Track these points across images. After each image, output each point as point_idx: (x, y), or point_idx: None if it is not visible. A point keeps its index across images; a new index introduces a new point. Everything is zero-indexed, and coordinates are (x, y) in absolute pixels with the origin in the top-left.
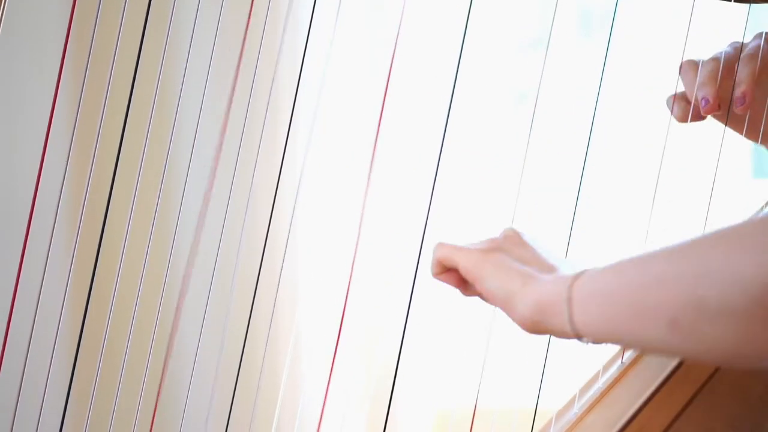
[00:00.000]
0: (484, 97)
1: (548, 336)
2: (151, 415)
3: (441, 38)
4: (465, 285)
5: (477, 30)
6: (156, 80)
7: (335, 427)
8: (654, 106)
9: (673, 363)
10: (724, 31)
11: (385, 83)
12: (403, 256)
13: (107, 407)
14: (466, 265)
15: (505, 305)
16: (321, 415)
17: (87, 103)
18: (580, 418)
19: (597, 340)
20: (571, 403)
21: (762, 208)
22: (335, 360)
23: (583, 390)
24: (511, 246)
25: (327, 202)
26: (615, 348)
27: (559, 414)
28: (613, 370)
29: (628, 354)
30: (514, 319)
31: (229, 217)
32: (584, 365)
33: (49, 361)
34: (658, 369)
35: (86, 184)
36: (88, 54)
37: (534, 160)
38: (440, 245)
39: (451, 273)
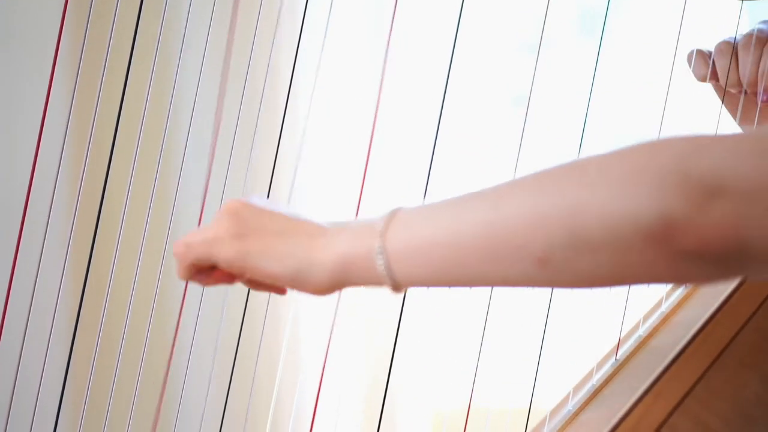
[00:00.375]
0: (479, 99)
1: (542, 335)
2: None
3: (437, 40)
4: (232, 278)
5: (474, 32)
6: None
7: (329, 427)
8: (650, 106)
9: (668, 359)
10: (719, 27)
11: (379, 86)
12: None
13: (105, 388)
14: (227, 257)
15: (296, 280)
16: (314, 415)
17: (85, 73)
18: (575, 416)
19: (420, 286)
20: (565, 400)
21: None
22: (329, 359)
23: (577, 388)
24: (253, 218)
25: (321, 204)
26: (609, 345)
27: (554, 412)
28: (607, 367)
29: (622, 351)
30: (309, 290)
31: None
32: (578, 363)
33: (47, 344)
34: (652, 365)
35: (84, 157)
36: (87, 16)
37: (528, 162)
38: (177, 244)
39: (212, 272)
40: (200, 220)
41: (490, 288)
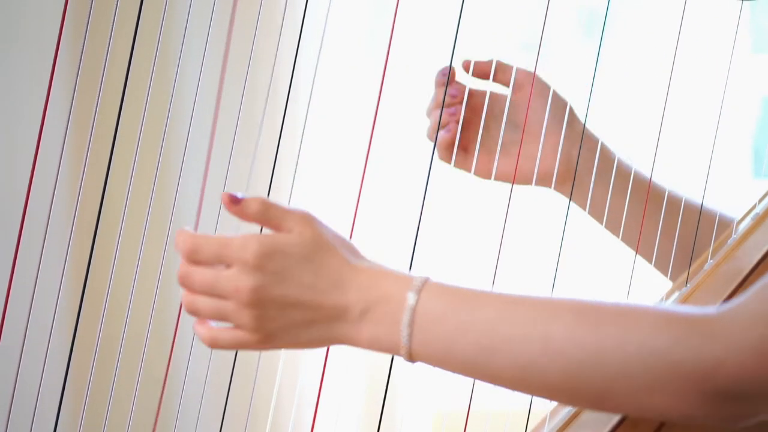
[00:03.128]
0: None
1: None
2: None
3: (436, 39)
4: None
5: (474, 30)
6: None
7: (330, 428)
8: (651, 106)
9: None
10: (720, 27)
11: (380, 85)
12: (396, 256)
13: (105, 387)
14: (248, 348)
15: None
16: (314, 416)
17: (85, 69)
18: (574, 416)
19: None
20: None
21: (754, 207)
22: (329, 360)
23: None
24: (274, 309)
25: (321, 202)
26: None
27: (553, 412)
28: None
29: None
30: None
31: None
32: None
33: (48, 341)
34: None
35: (85, 155)
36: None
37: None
38: (199, 329)
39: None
40: (198, 218)
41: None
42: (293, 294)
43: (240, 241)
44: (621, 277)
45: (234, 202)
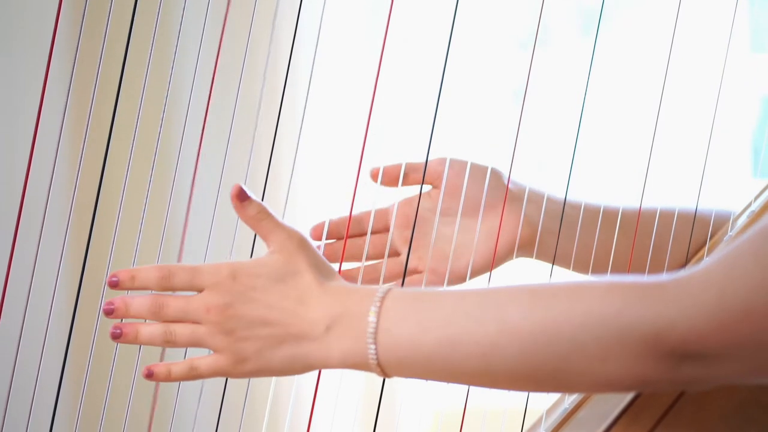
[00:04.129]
0: (479, 95)
1: None
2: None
3: (436, 38)
4: None
5: (474, 29)
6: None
7: (327, 427)
8: (650, 106)
9: None
10: (719, 26)
11: (374, 83)
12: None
13: (104, 372)
14: (222, 374)
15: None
16: (311, 414)
17: (83, 50)
18: (571, 414)
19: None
20: (562, 399)
21: (750, 204)
22: None
23: None
24: (242, 328)
25: (315, 203)
26: None
27: (550, 411)
28: None
29: None
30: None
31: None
32: None
33: (49, 309)
34: None
35: (84, 135)
36: None
37: (526, 158)
38: (175, 367)
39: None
40: (187, 213)
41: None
42: (260, 313)
43: (211, 266)
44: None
45: (239, 198)
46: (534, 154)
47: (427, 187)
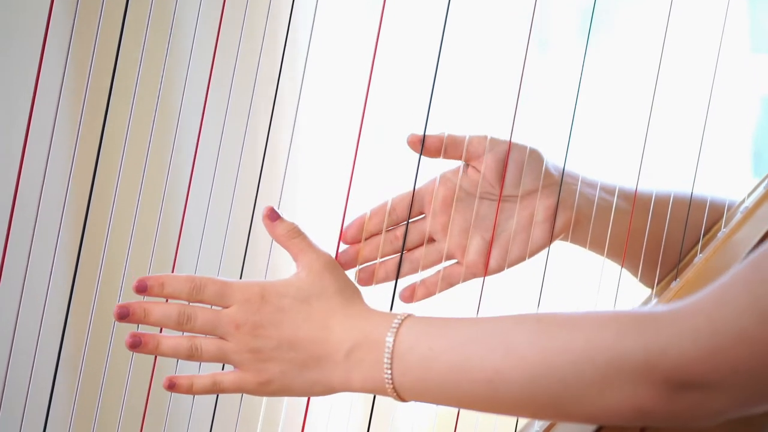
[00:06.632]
0: (478, 94)
1: None
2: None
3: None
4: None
5: (473, 27)
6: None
7: (323, 426)
8: (649, 106)
9: None
10: (719, 26)
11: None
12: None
13: (100, 362)
14: (244, 391)
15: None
16: (306, 413)
17: (77, 37)
18: None
19: None
20: None
21: (743, 201)
22: None
23: None
24: (268, 349)
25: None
26: None
27: None
28: None
29: None
30: None
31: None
32: None
33: (45, 292)
34: None
35: (81, 104)
36: None
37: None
38: (198, 380)
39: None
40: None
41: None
42: (287, 334)
43: (242, 284)
44: (609, 279)
45: (270, 218)
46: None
47: (456, 163)
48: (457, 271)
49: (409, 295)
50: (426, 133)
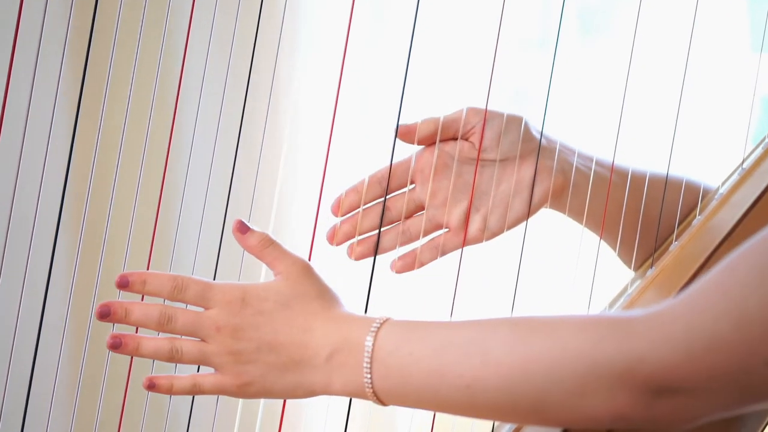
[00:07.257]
0: (478, 94)
1: None
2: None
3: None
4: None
5: (475, 28)
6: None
7: (320, 425)
8: (649, 105)
9: None
10: (719, 26)
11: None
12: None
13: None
14: (225, 393)
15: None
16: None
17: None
18: None
19: None
20: None
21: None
22: None
23: None
24: (249, 351)
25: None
26: None
27: None
28: None
29: None
30: None
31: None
32: None
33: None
34: None
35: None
36: None
37: None
38: (178, 381)
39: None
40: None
41: (480, 289)
42: (268, 337)
43: (223, 285)
44: (585, 271)
45: (241, 231)
46: None
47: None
48: (453, 240)
49: (404, 264)
50: (416, 122)
